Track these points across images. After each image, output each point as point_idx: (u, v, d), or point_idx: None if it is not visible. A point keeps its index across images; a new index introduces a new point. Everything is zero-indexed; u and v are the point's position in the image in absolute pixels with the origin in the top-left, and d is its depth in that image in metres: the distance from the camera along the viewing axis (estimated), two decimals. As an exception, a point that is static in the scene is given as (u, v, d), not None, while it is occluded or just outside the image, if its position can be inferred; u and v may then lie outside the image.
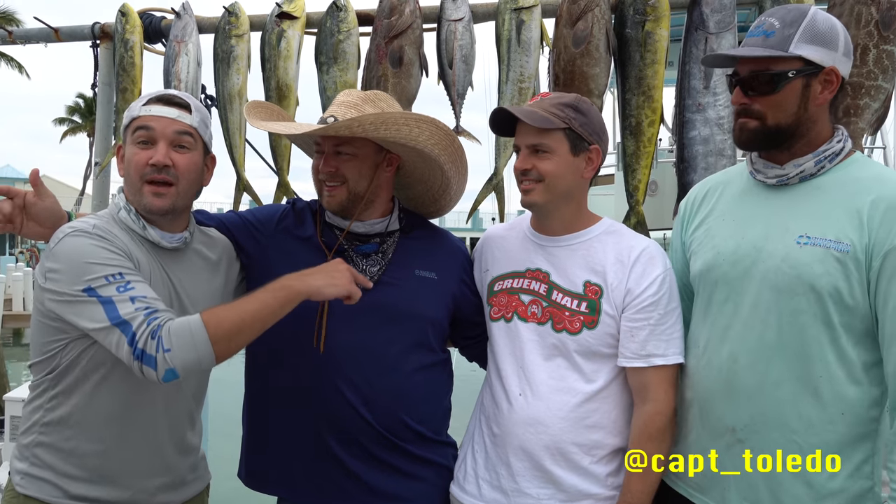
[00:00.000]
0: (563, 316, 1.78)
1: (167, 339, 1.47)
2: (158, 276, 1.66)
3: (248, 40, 2.80)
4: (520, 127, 1.78)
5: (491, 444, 1.84)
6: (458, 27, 2.58)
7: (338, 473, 1.83)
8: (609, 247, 1.81)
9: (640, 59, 2.39)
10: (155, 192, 1.64)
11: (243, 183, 2.87)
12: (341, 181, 1.84)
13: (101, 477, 1.63)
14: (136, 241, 1.64)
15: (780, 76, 1.54)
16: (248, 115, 1.95)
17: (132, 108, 1.69)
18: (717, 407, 1.63)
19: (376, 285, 1.85)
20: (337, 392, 1.81)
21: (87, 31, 2.99)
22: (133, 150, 1.65)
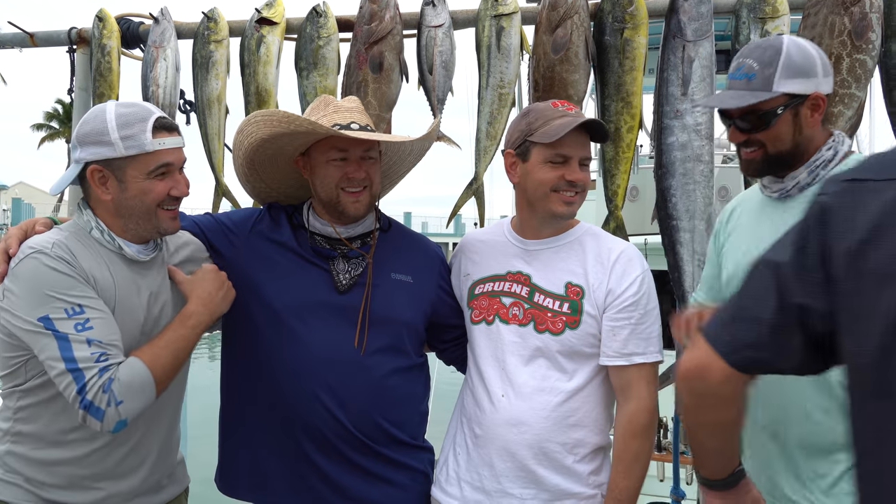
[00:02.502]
0: (546, 317, 1.80)
1: (119, 392, 1.52)
2: (132, 290, 1.67)
3: (227, 45, 2.79)
4: (576, 134, 1.77)
5: (473, 446, 1.84)
6: (438, 33, 2.58)
7: (313, 477, 1.83)
8: (589, 249, 1.85)
9: (619, 65, 2.41)
10: (173, 217, 1.71)
11: (222, 188, 2.85)
12: (365, 185, 1.86)
13: (72, 484, 1.63)
14: (105, 258, 1.64)
15: (770, 114, 1.62)
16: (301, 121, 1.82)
17: (136, 138, 1.61)
18: (753, 406, 1.62)
19: (353, 288, 1.86)
20: (312, 395, 1.81)
21: (64, 36, 2.95)
22: (150, 184, 1.65)
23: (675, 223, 2.37)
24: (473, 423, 1.85)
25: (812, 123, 1.64)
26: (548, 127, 1.77)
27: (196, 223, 1.96)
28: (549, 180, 1.78)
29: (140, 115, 1.65)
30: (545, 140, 1.75)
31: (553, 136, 1.74)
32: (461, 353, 2.00)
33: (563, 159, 1.77)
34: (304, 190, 2.01)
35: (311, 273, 1.88)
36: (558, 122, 1.77)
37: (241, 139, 1.91)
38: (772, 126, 1.63)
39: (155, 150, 1.63)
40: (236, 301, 1.88)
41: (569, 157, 1.78)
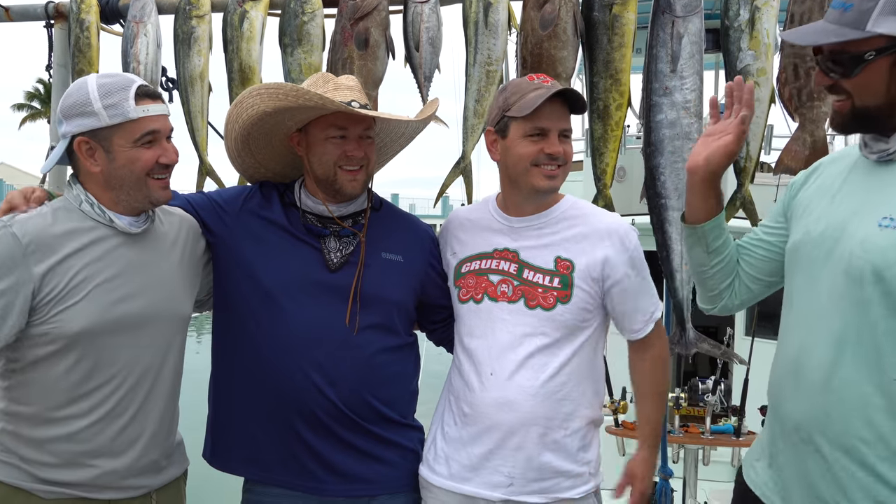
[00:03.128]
0: (537, 293, 1.80)
1: None
2: (121, 261, 1.67)
3: (209, 21, 2.73)
4: (554, 106, 1.75)
5: (462, 424, 1.84)
6: (424, 9, 2.54)
7: (303, 453, 1.84)
8: (576, 221, 1.85)
9: (608, 42, 2.39)
10: (164, 186, 1.72)
11: (206, 167, 2.81)
12: (362, 164, 1.87)
13: (67, 461, 1.63)
14: (94, 233, 1.65)
15: (857, 59, 1.34)
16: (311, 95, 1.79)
17: (118, 106, 1.62)
18: (785, 401, 1.49)
19: (344, 266, 1.86)
20: (301, 372, 1.81)
21: (41, 10, 2.88)
22: (138, 152, 1.65)
23: (663, 202, 2.36)
24: (462, 402, 1.85)
25: None
26: (523, 101, 1.75)
27: (188, 201, 1.96)
28: (529, 154, 1.76)
29: (122, 83, 1.66)
30: (521, 113, 1.74)
31: (528, 108, 1.73)
32: (450, 334, 2.00)
33: (540, 132, 1.76)
34: (294, 170, 2.00)
35: (303, 251, 1.88)
36: (533, 94, 1.75)
37: (238, 111, 1.89)
38: (857, 73, 1.35)
39: (139, 116, 1.64)
40: (228, 278, 1.90)
41: (547, 129, 1.76)
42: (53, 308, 1.59)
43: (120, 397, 1.67)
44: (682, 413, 3.80)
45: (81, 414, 1.64)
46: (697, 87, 2.34)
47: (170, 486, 1.83)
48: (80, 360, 1.62)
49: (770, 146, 5.63)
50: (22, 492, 1.62)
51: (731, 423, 3.75)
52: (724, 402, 3.87)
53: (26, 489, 1.62)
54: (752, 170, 2.37)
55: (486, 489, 1.79)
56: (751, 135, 2.34)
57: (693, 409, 3.81)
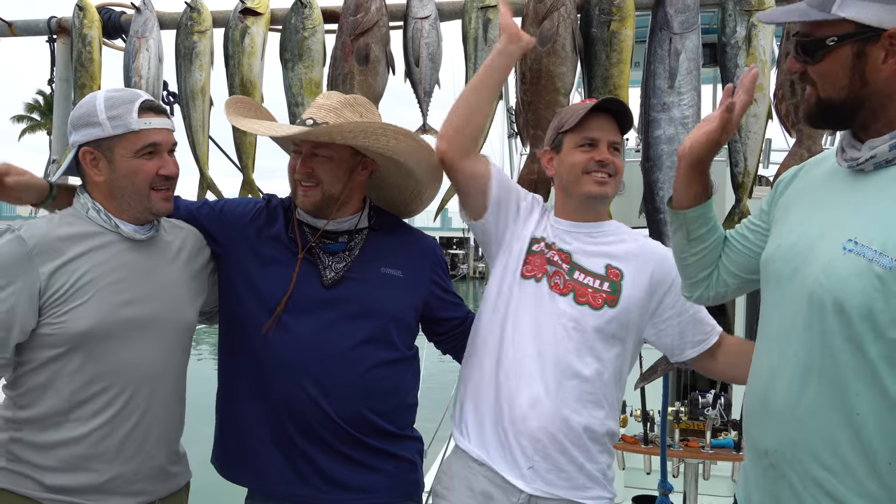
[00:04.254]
0: (587, 291, 1.86)
1: None
2: (129, 268, 1.72)
3: (210, 36, 2.75)
4: (603, 121, 1.88)
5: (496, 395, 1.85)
6: (424, 25, 2.56)
7: (302, 464, 1.86)
8: (627, 239, 1.94)
9: (606, 58, 2.41)
10: (165, 198, 1.76)
11: (207, 181, 2.82)
12: (316, 182, 1.88)
13: (74, 466, 1.65)
14: (100, 239, 1.69)
15: (819, 43, 1.24)
16: (227, 111, 1.97)
17: (122, 117, 1.68)
18: (755, 426, 1.42)
19: (340, 281, 1.88)
20: (298, 386, 1.83)
21: (44, 25, 2.90)
22: (139, 163, 1.71)
23: (662, 216, 2.37)
24: (500, 371, 1.86)
25: (886, 72, 1.21)
26: (573, 115, 1.88)
27: (192, 212, 1.99)
28: (580, 163, 1.86)
29: (127, 97, 1.72)
30: (571, 125, 1.86)
31: (576, 119, 1.85)
32: (455, 344, 2.05)
33: (591, 142, 1.87)
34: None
35: (302, 266, 1.90)
36: (581, 109, 1.88)
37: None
38: (818, 60, 1.25)
39: (141, 129, 1.69)
40: (231, 290, 1.93)
41: (597, 139, 1.87)
42: (59, 308, 1.62)
43: (125, 401, 1.69)
44: (682, 427, 3.78)
45: (86, 417, 1.66)
46: (695, 103, 2.35)
47: (174, 495, 1.84)
48: (85, 362, 1.65)
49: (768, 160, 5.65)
50: (29, 501, 1.64)
51: (732, 437, 3.73)
52: (725, 416, 3.85)
53: (33, 497, 1.64)
54: (749, 185, 2.38)
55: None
56: (748, 150, 2.35)
57: (693, 423, 3.80)
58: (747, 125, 2.33)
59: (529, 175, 2.50)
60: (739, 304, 5.88)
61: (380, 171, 1.99)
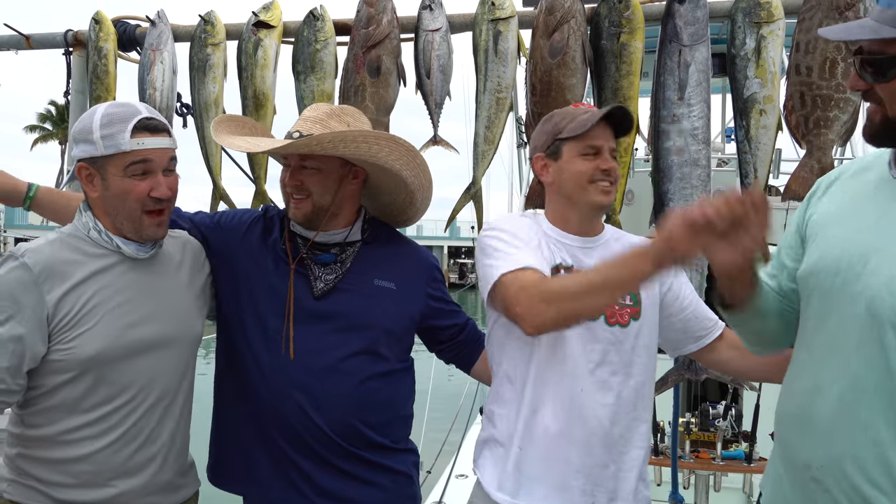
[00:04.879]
0: (614, 310, 1.79)
1: None
2: (134, 288, 1.70)
3: (224, 49, 2.78)
4: (603, 128, 1.82)
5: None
6: (435, 37, 2.58)
7: (295, 476, 1.86)
8: (626, 242, 1.89)
9: (616, 70, 2.42)
10: (158, 223, 1.72)
11: (220, 191, 2.84)
12: (306, 194, 1.88)
13: (84, 482, 1.65)
14: (103, 260, 1.68)
15: (891, 62, 1.20)
16: (215, 132, 1.97)
17: (114, 137, 1.65)
18: (795, 439, 1.39)
19: (331, 293, 1.89)
20: (289, 398, 1.84)
21: (60, 38, 2.94)
22: (130, 183, 1.67)
23: (671, 227, 2.37)
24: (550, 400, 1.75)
25: None
26: (574, 122, 1.81)
27: (192, 220, 2.00)
28: (585, 172, 1.80)
29: (125, 115, 1.67)
30: (576, 133, 1.79)
31: (583, 126, 1.79)
32: (458, 353, 2.06)
33: (594, 150, 1.81)
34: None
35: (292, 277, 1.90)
36: (584, 116, 1.82)
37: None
38: (890, 79, 1.21)
39: (131, 149, 1.65)
40: (227, 300, 1.94)
41: (599, 147, 1.81)
42: (67, 334, 1.61)
43: (136, 420, 1.69)
44: (692, 438, 3.77)
45: (96, 436, 1.66)
46: (705, 115, 2.36)
47: None
48: (95, 385, 1.64)
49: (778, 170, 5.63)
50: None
51: (743, 448, 3.71)
52: (736, 427, 3.83)
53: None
54: (760, 196, 2.38)
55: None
56: (758, 161, 2.36)
57: (704, 434, 3.78)
58: (757, 136, 2.34)
59: (540, 186, 2.52)
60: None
61: (371, 179, 1.99)
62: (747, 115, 2.34)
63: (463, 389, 7.78)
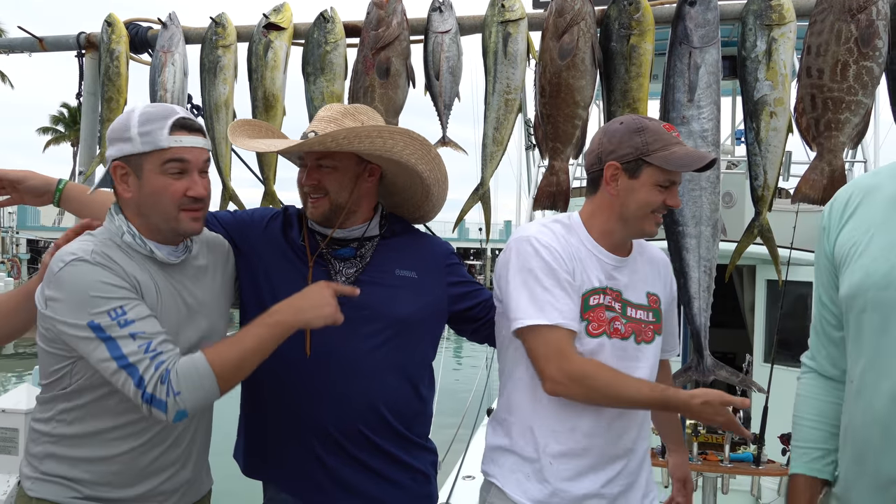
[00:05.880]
0: (642, 328, 1.87)
1: (176, 383, 1.54)
2: (169, 292, 1.70)
3: (234, 51, 2.80)
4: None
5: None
6: (444, 39, 2.59)
7: (317, 470, 1.88)
8: (646, 257, 1.97)
9: (626, 72, 2.42)
10: (194, 218, 1.71)
11: (229, 192, 2.86)
12: (324, 193, 1.90)
13: (112, 481, 1.67)
14: (138, 262, 1.67)
15: None
16: (231, 135, 2.00)
17: (152, 134, 1.65)
18: (876, 454, 1.37)
19: (353, 285, 1.89)
20: (314, 391, 1.86)
21: (73, 40, 2.97)
22: (167, 181, 1.66)
23: (681, 229, 2.37)
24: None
25: None
26: (668, 153, 1.79)
27: (216, 218, 2.02)
28: (654, 203, 1.81)
29: (163, 113, 1.68)
30: (670, 167, 1.78)
31: (681, 166, 1.78)
32: (491, 332, 2.03)
33: (670, 184, 1.82)
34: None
35: (315, 273, 1.92)
36: (680, 150, 1.80)
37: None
38: None
39: (169, 146, 1.65)
40: (250, 296, 1.96)
41: (676, 182, 1.83)
42: None
43: (164, 425, 1.69)
44: (700, 440, 3.76)
45: (125, 437, 1.66)
46: (714, 117, 2.36)
47: (200, 501, 1.87)
48: None
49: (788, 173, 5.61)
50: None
51: (751, 451, 3.70)
52: (744, 430, 3.82)
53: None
54: (769, 198, 2.38)
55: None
56: (768, 163, 2.35)
57: (712, 436, 3.77)
58: (767, 139, 2.33)
59: (548, 188, 2.52)
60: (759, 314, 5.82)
61: (387, 175, 2.01)
62: (757, 118, 2.33)
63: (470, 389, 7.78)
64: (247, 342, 1.63)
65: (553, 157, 2.50)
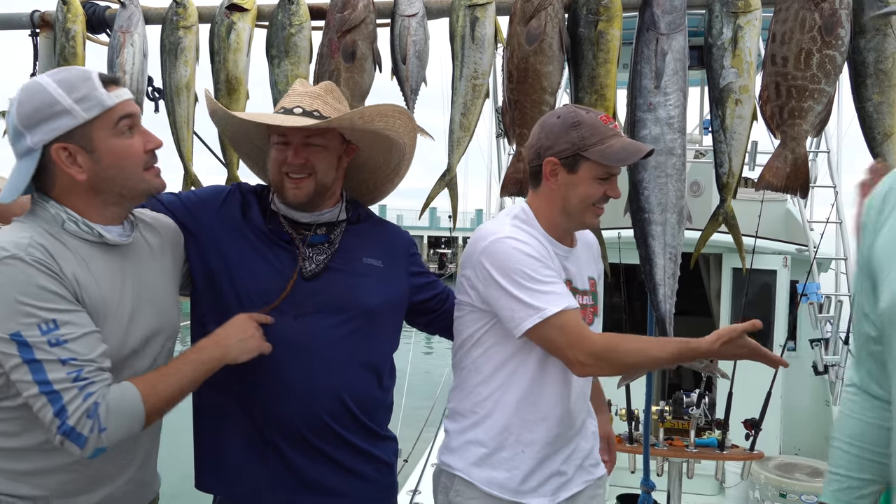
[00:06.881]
0: (587, 313, 1.93)
1: (105, 419, 1.41)
2: (118, 280, 1.56)
3: (196, 32, 2.73)
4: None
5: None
6: (411, 23, 2.55)
7: (279, 466, 1.81)
8: (584, 242, 2.04)
9: (593, 58, 2.41)
10: (157, 174, 1.60)
11: (191, 177, 2.79)
12: (309, 173, 1.82)
13: (61, 492, 1.53)
14: (84, 254, 1.50)
15: None
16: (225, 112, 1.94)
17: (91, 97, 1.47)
18: None
19: (321, 272, 1.84)
20: (278, 381, 1.79)
21: (26, 19, 2.86)
22: (124, 142, 1.51)
23: (646, 216, 2.38)
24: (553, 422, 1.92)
25: None
26: (605, 147, 1.81)
27: (159, 201, 1.89)
28: (594, 196, 1.85)
29: (82, 75, 1.49)
30: (607, 162, 1.81)
31: (618, 161, 1.82)
32: (446, 321, 2.05)
33: (609, 176, 1.85)
34: None
35: (279, 257, 1.86)
36: (616, 143, 1.82)
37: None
38: None
39: (115, 103, 1.49)
40: (203, 281, 1.86)
41: (614, 174, 1.86)
42: None
43: None
44: (666, 426, 3.81)
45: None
46: (681, 104, 2.36)
47: None
48: None
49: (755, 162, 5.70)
50: None
51: (716, 436, 3.76)
52: (709, 415, 3.88)
53: None
54: (734, 185, 2.39)
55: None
56: (733, 151, 2.37)
57: (677, 422, 3.82)
58: (732, 126, 2.34)
59: (515, 174, 2.50)
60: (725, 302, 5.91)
61: (360, 156, 1.98)
62: (723, 105, 2.34)
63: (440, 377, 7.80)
64: (179, 380, 1.55)
65: (520, 144, 2.48)
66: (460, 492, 1.88)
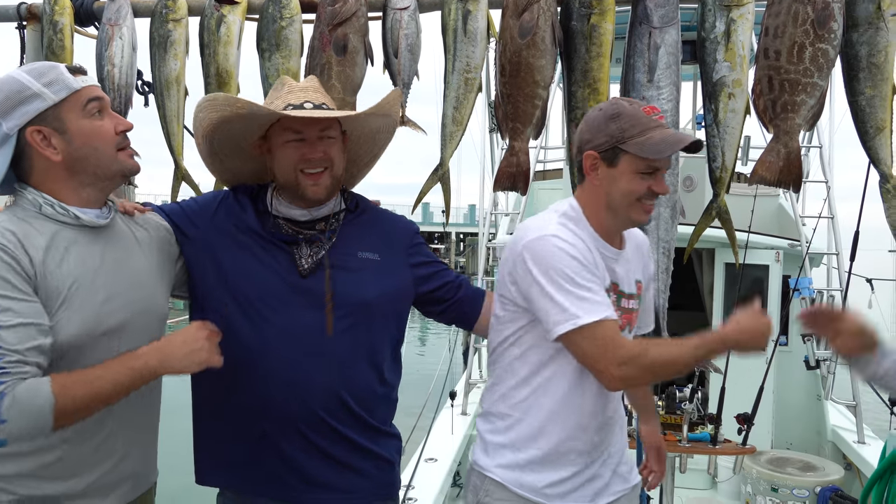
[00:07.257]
0: (632, 317, 1.91)
1: (7, 410, 1.37)
2: (95, 261, 1.59)
3: (186, 25, 2.70)
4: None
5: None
6: (403, 16, 2.54)
7: (275, 462, 1.81)
8: (633, 244, 1.96)
9: (586, 51, 2.40)
10: (131, 155, 1.65)
11: (182, 171, 2.77)
12: (325, 166, 1.83)
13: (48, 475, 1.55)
14: (62, 237, 1.55)
15: None
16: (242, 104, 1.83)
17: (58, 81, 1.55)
18: None
19: (317, 268, 1.83)
20: (278, 379, 1.78)
21: (13, 11, 2.83)
22: (94, 123, 1.59)
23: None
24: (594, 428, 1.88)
25: None
26: (645, 139, 1.73)
27: (161, 208, 1.94)
28: (638, 191, 1.76)
29: (49, 64, 1.59)
30: (645, 154, 1.72)
31: (656, 153, 1.72)
32: (459, 311, 2.02)
33: (652, 170, 1.76)
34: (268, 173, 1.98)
35: (276, 257, 1.86)
36: (657, 135, 1.74)
37: (196, 124, 1.90)
38: None
39: (81, 87, 1.58)
40: (202, 284, 1.87)
41: (659, 168, 1.77)
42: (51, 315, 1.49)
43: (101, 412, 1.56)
44: (659, 421, 3.81)
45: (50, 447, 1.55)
46: (674, 98, 2.36)
47: (141, 497, 1.77)
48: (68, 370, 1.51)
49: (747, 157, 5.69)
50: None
51: (708, 431, 3.76)
52: (702, 410, 3.88)
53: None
54: (727, 180, 2.39)
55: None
56: (726, 145, 2.36)
57: (670, 416, 3.82)
58: (725, 120, 2.34)
59: (508, 168, 2.49)
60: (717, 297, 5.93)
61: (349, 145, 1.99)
62: (716, 99, 2.34)
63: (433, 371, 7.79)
64: (102, 385, 1.48)
65: (513, 138, 2.47)
66: (490, 492, 1.85)
